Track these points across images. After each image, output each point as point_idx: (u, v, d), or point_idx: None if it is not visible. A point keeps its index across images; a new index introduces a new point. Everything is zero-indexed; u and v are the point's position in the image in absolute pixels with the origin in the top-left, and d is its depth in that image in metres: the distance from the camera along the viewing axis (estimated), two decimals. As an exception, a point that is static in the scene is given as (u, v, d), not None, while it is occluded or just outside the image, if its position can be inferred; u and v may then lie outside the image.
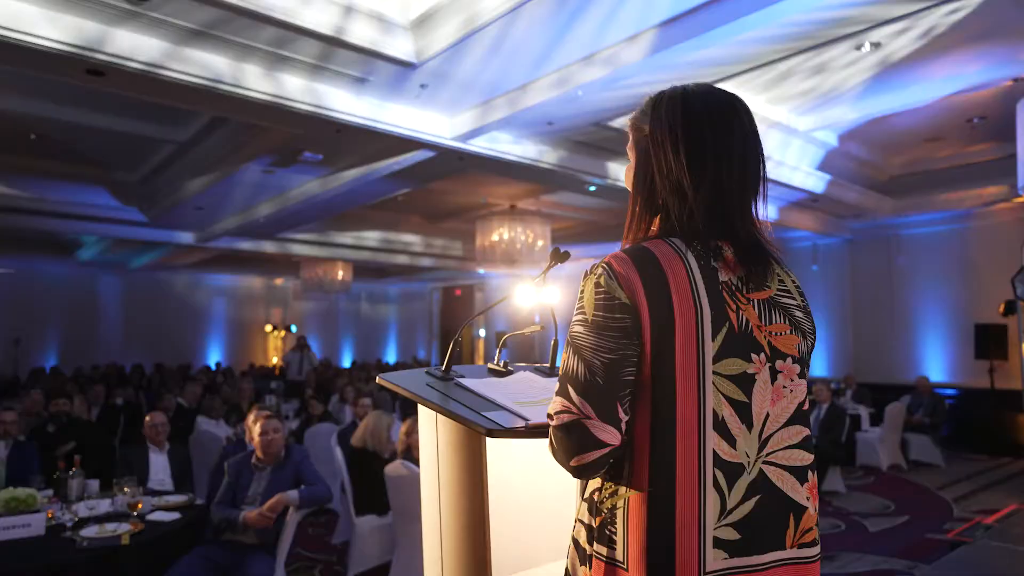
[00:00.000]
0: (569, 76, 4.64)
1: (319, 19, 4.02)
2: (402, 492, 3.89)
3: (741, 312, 1.01)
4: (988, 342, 8.40)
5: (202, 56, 4.33)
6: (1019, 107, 5.57)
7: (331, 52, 4.39)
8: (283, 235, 11.01)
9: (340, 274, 13.74)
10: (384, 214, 10.75)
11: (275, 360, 16.84)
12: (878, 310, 10.03)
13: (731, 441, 0.96)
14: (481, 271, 13.76)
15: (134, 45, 4.13)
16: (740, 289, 1.03)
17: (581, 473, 0.98)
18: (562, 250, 1.49)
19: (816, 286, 10.64)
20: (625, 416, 0.97)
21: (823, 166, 7.77)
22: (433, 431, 1.29)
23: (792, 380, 1.03)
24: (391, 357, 19.11)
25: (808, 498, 1.00)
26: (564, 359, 1.02)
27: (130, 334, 15.34)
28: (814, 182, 7.75)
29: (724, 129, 1.08)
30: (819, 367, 10.47)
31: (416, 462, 3.96)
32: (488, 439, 1.19)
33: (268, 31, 4.11)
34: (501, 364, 1.53)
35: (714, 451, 0.95)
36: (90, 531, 2.96)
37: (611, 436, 0.95)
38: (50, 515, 3.14)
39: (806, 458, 1.02)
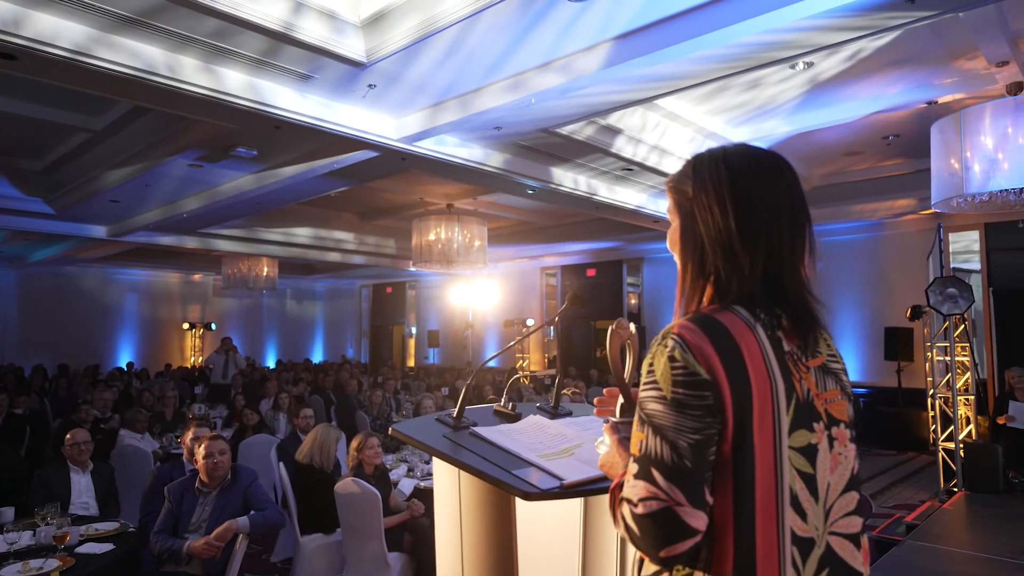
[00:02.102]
0: (524, 82, 4.61)
1: (267, 13, 3.80)
2: (353, 510, 3.77)
3: (803, 381, 1.00)
4: (896, 344, 9.04)
5: (134, 45, 4.01)
6: (933, 130, 5.97)
7: (277, 48, 4.17)
8: (207, 230, 10.44)
9: (266, 270, 13.19)
10: (315, 210, 10.38)
11: (195, 361, 15.99)
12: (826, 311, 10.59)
13: (803, 516, 0.95)
14: (411, 268, 13.58)
15: (56, 29, 3.77)
16: (800, 358, 1.02)
17: (668, 563, 0.94)
18: (574, 295, 1.44)
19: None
20: (710, 499, 0.93)
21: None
22: (455, 487, 1.22)
23: (845, 446, 1.03)
24: (318, 356, 18.55)
25: (863, 563, 1.01)
26: (639, 439, 0.96)
27: (28, 333, 14.16)
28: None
29: (770, 185, 1.06)
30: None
31: (366, 478, 3.84)
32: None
33: (210, 23, 3.84)
34: (509, 407, 1.48)
35: (791, 528, 0.94)
36: (11, 570, 2.68)
37: (702, 522, 0.92)
38: (-39, 552, 2.83)
39: (859, 524, 1.03)
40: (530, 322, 14.14)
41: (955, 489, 6.23)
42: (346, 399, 8.27)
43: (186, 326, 16.65)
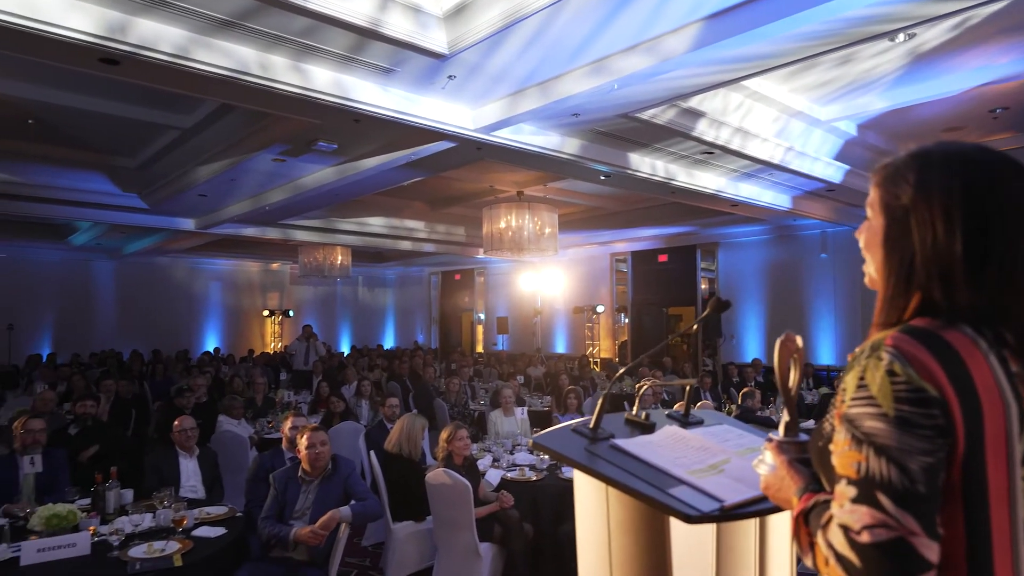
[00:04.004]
0: (607, 66, 4.49)
1: (355, 9, 3.84)
2: (444, 500, 3.82)
3: None
4: None
5: (228, 46, 4.13)
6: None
7: (363, 44, 4.21)
8: (287, 222, 10.80)
9: (339, 259, 13.54)
10: (388, 200, 10.56)
11: (275, 347, 16.67)
12: (887, 299, 10.06)
13: None
14: (480, 255, 13.65)
15: (157, 34, 3.92)
16: None
17: None
18: (718, 299, 1.38)
19: (824, 274, 10.65)
20: (942, 530, 0.85)
21: (840, 156, 7.69)
22: (602, 503, 1.19)
23: None
24: (389, 342, 18.99)
25: None
26: (855, 459, 0.88)
27: (124, 320, 15.08)
28: (833, 172, 7.69)
29: (1015, 206, 0.93)
30: (827, 355, 10.52)
31: (456, 469, 3.88)
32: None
33: (299, 22, 3.92)
34: (643, 416, 1.43)
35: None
36: (138, 551, 2.85)
37: (935, 554, 0.83)
38: (92, 531, 3.03)
39: None
40: (600, 309, 14.00)
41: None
42: (423, 386, 8.41)
43: (266, 313, 17.36)
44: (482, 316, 17.29)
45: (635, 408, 1.46)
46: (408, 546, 4.21)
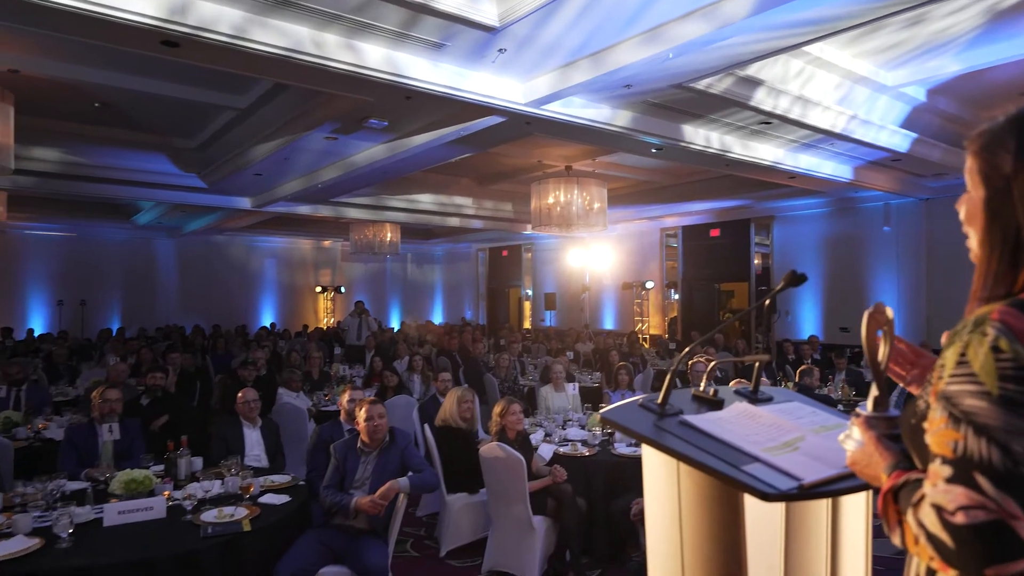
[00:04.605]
0: (662, 34, 4.36)
1: (407, -16, 3.82)
2: (498, 473, 3.87)
3: None
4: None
5: (283, 25, 4.18)
6: None
7: (415, 19, 4.20)
8: (338, 199, 10.98)
9: (389, 236, 13.72)
10: (436, 176, 10.61)
11: (328, 322, 17.10)
12: (955, 272, 9.57)
13: None
14: (527, 231, 13.60)
15: (215, 15, 3.99)
16: None
17: None
18: (794, 273, 1.33)
19: (888, 248, 10.23)
20: None
21: (907, 123, 7.31)
22: (673, 480, 1.18)
23: None
24: (438, 318, 19.24)
25: None
26: (952, 438, 0.85)
27: (185, 296, 15.71)
28: (899, 140, 7.32)
29: None
30: (888, 332, 10.13)
31: (509, 443, 3.92)
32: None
33: (352, -2, 3.93)
34: (711, 392, 1.40)
35: None
36: (209, 515, 2.99)
37: None
38: (167, 496, 3.19)
39: None
40: (649, 284, 13.82)
41: None
42: (473, 362, 8.50)
43: (318, 289, 17.80)
44: (529, 292, 17.30)
45: (702, 384, 1.43)
46: (462, 517, 4.29)
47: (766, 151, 7.61)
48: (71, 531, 2.67)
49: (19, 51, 5.74)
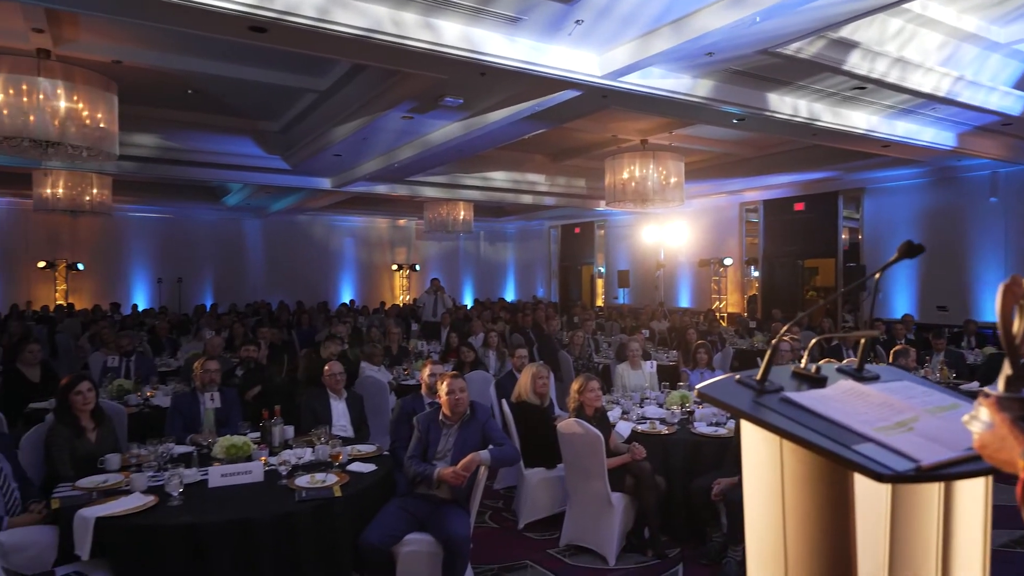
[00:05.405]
0: (747, -1, 4.16)
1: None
2: (576, 449, 3.88)
3: None
4: None
5: (362, 5, 4.25)
6: None
7: (492, -8, 4.17)
8: (414, 178, 11.17)
9: (462, 214, 13.85)
10: (509, 154, 10.60)
11: (405, 299, 17.55)
12: (1073, 247, 8.79)
13: None
14: (601, 208, 13.41)
15: None
16: None
17: None
18: (910, 244, 1.24)
19: (994, 221, 9.47)
20: None
21: (1020, 84, 6.71)
22: (775, 459, 1.14)
23: None
24: (510, 295, 19.37)
25: None
26: None
27: (271, 273, 16.48)
28: (1011, 103, 6.73)
29: None
30: (993, 312, 9.43)
31: (587, 420, 3.91)
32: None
33: (430, -25, 3.94)
34: (812, 370, 1.34)
35: None
36: (302, 481, 3.14)
37: None
38: (263, 461, 3.38)
39: None
40: (728, 261, 13.40)
41: None
42: (546, 339, 8.52)
43: (394, 267, 18.27)
44: (602, 269, 17.13)
45: (803, 362, 1.37)
46: (539, 492, 4.34)
47: (859, 118, 7.17)
48: (181, 490, 2.88)
49: (121, 42, 6.11)
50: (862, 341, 1.42)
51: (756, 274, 13.36)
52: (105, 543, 2.64)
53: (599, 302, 17.00)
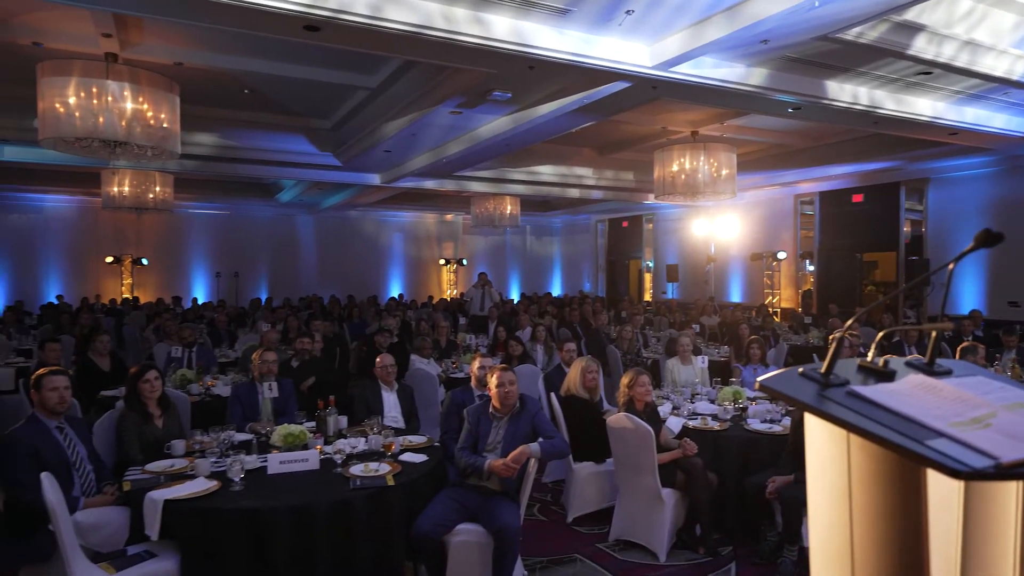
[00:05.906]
0: (806, -17, 4.03)
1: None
2: (626, 444, 3.86)
3: None
4: None
5: (414, 2, 4.29)
6: None
7: (541, -15, 4.16)
8: (462, 173, 11.25)
9: (509, 208, 13.88)
10: (556, 147, 10.55)
11: (453, 293, 17.72)
12: None
13: None
14: (649, 201, 13.22)
15: (351, -2, 4.17)
16: None
17: None
18: (988, 228, 1.19)
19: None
20: None
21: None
22: (842, 454, 1.11)
23: None
24: (557, 290, 19.33)
25: None
26: None
27: (323, 268, 16.88)
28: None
29: None
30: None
31: (637, 415, 3.88)
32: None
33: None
34: (880, 363, 1.30)
35: None
36: (357, 469, 3.22)
37: None
38: (319, 450, 3.47)
39: None
40: (781, 255, 13.04)
41: None
42: (594, 334, 8.48)
43: (442, 262, 18.46)
44: (651, 264, 16.90)
45: (870, 355, 1.33)
46: (588, 486, 4.33)
47: (924, 105, 6.87)
48: (242, 476, 2.99)
49: (182, 45, 6.33)
50: (933, 334, 1.36)
51: (811, 268, 12.97)
52: (172, 524, 2.76)
53: (647, 297, 16.80)
